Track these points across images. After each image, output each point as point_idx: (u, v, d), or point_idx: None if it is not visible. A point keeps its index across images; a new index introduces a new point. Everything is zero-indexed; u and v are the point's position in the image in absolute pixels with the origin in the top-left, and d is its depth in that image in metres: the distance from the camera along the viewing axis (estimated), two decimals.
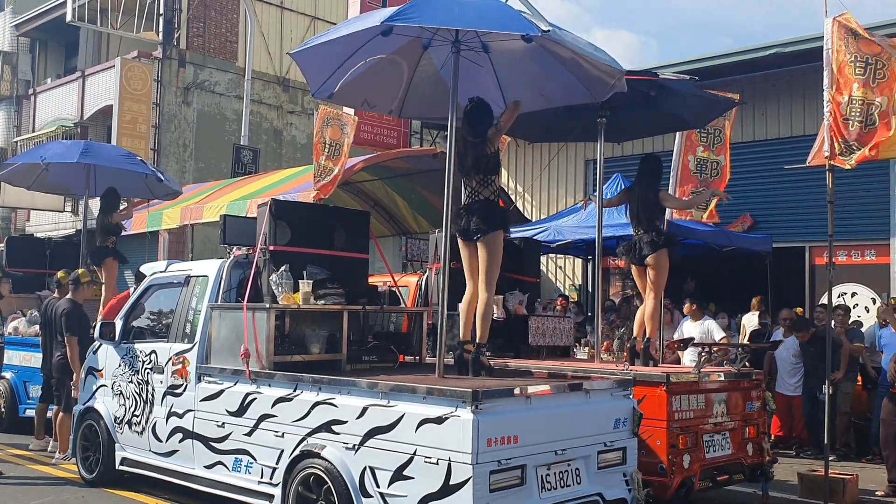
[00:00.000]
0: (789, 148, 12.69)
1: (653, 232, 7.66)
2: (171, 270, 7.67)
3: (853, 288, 12.03)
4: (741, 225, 12.96)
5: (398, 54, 6.45)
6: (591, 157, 14.66)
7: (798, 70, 12.36)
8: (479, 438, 4.80)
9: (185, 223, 13.71)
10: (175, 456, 6.90)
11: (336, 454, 5.50)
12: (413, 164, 13.67)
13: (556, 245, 12.12)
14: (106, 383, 7.74)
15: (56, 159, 10.88)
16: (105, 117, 21.69)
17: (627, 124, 8.34)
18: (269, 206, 6.83)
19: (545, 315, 8.88)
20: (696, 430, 6.53)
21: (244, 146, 17.89)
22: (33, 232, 23.29)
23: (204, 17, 21.89)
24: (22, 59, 26.31)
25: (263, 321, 6.26)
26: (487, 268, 6.16)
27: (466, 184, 6.35)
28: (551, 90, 6.75)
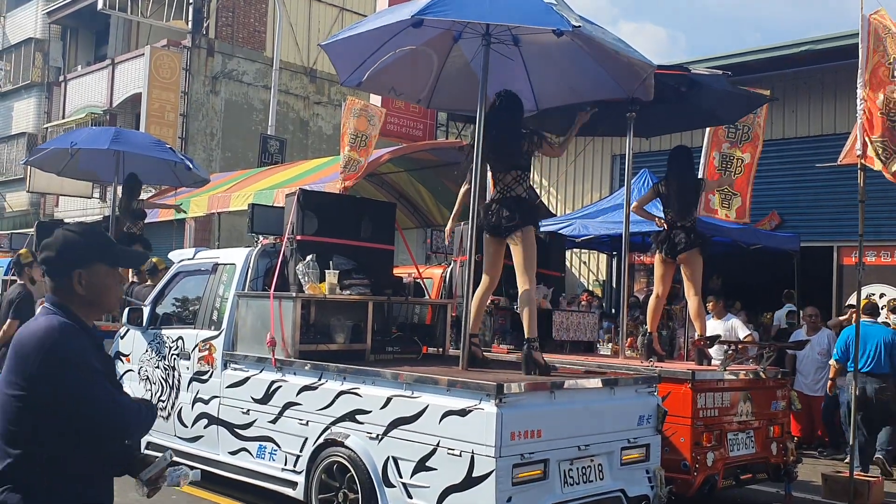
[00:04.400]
0: (819, 146, 12.55)
1: (688, 227, 7.54)
2: (199, 258, 7.73)
3: (881, 289, 11.89)
4: (769, 223, 12.85)
5: (428, 45, 6.44)
6: (618, 153, 14.59)
7: (831, 67, 12.21)
8: (503, 432, 4.80)
9: (212, 211, 13.81)
10: (200, 441, 6.97)
11: (359, 443, 5.53)
12: (439, 157, 13.67)
13: (581, 240, 12.08)
14: (132, 368, 7.82)
15: (87, 145, 10.99)
16: (134, 105, 21.89)
17: (656, 119, 8.28)
18: (297, 195, 6.86)
19: (569, 310, 8.86)
20: (721, 428, 6.49)
21: (271, 136, 17.98)
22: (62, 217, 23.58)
23: (233, 6, 22.00)
24: (53, 46, 26.61)
25: (290, 310, 6.29)
26: (524, 264, 6.02)
27: (498, 180, 6.19)
28: (581, 84, 6.71)
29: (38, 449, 2.46)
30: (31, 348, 2.47)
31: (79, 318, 2.62)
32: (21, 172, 24.54)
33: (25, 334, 2.52)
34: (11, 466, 2.44)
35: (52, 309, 2.58)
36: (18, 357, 2.48)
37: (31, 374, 2.45)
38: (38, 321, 2.55)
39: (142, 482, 2.73)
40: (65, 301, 2.60)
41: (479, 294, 6.30)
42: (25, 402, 2.45)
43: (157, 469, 2.74)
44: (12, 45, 27.40)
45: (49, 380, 2.44)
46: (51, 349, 2.46)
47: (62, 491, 2.48)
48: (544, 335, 8.02)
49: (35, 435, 2.46)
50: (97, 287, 2.62)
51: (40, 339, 2.47)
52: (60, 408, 2.46)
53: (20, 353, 2.48)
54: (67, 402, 2.46)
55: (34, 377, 2.44)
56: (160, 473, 2.75)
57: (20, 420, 2.46)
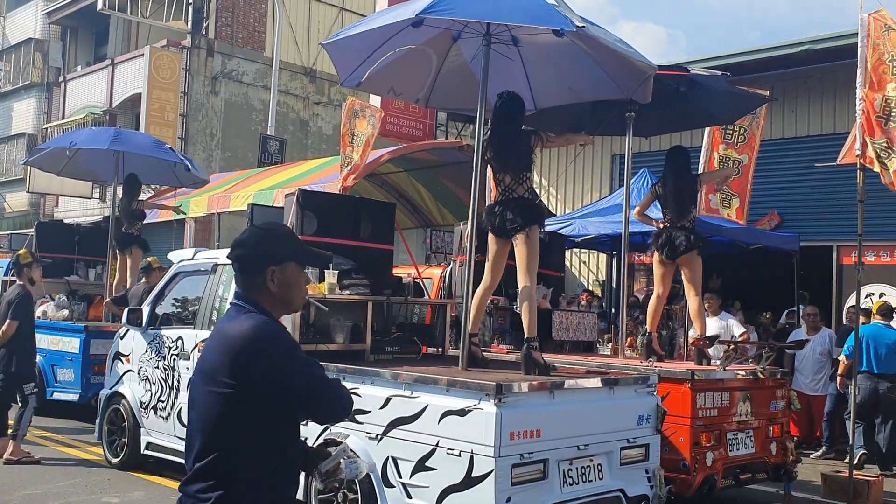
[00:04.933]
0: (818, 146, 12.54)
1: (687, 228, 7.55)
2: (199, 258, 7.74)
3: (881, 288, 11.88)
4: (768, 223, 12.84)
5: (428, 45, 6.45)
6: (618, 152, 14.58)
7: (830, 67, 12.20)
8: (502, 431, 4.80)
9: (212, 211, 13.82)
10: None
11: (359, 443, 5.52)
12: (439, 157, 13.68)
13: (580, 240, 12.07)
14: (132, 368, 7.82)
15: (86, 145, 11.01)
16: (133, 105, 21.89)
17: (656, 119, 8.28)
18: (297, 195, 6.86)
19: (569, 310, 8.86)
20: (720, 427, 6.49)
21: (271, 136, 17.99)
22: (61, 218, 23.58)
23: (233, 6, 22.01)
24: (53, 46, 26.60)
25: None
26: (527, 264, 6.02)
27: (499, 181, 6.19)
28: (580, 84, 6.71)
29: (240, 444, 2.50)
30: (240, 347, 2.49)
31: (270, 315, 2.66)
32: (21, 173, 24.54)
33: (232, 334, 2.53)
34: (215, 462, 2.50)
35: (247, 307, 2.61)
36: (227, 355, 2.50)
37: (245, 370, 2.48)
38: (240, 320, 2.57)
39: (320, 474, 2.78)
40: (256, 298, 2.63)
41: (479, 294, 6.30)
42: (234, 399, 2.48)
43: (334, 462, 2.78)
44: (12, 46, 27.40)
45: (263, 375, 2.48)
46: (263, 346, 2.50)
47: (262, 485, 2.54)
48: (544, 335, 8.02)
49: (239, 430, 2.50)
50: (288, 284, 2.66)
51: (253, 336, 2.51)
52: (272, 401, 2.51)
53: (230, 352, 2.50)
54: (281, 394, 2.52)
55: (246, 374, 2.48)
56: (337, 465, 2.79)
57: (226, 416, 2.50)
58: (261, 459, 2.53)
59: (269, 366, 2.49)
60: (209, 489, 2.48)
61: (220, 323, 2.65)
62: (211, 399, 2.51)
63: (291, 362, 2.54)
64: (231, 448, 2.50)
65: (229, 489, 2.48)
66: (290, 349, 2.58)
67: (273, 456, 2.57)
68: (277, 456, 2.58)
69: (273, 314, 2.66)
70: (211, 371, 2.53)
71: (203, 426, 2.53)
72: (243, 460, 2.51)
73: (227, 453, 2.50)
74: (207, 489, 2.48)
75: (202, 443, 2.52)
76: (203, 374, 2.56)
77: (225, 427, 2.50)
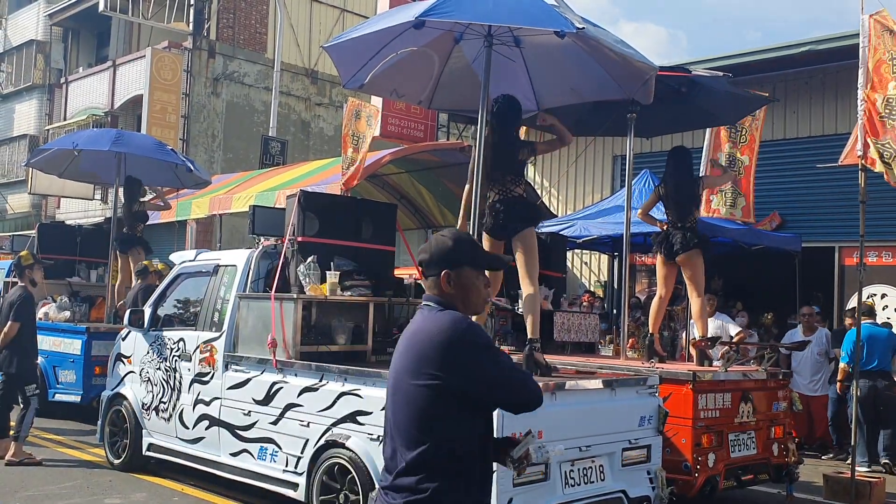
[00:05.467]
0: (820, 146, 12.53)
1: (687, 228, 7.54)
2: (200, 259, 7.74)
3: (883, 289, 11.87)
4: (770, 223, 12.83)
5: (429, 47, 6.45)
6: (619, 153, 14.57)
7: (831, 68, 12.20)
8: (504, 433, 4.79)
9: (213, 213, 13.83)
10: (201, 443, 6.98)
11: (361, 445, 5.53)
12: (440, 158, 13.68)
13: (582, 241, 12.07)
14: (134, 370, 7.83)
15: (88, 146, 11.03)
16: (135, 107, 21.90)
17: (657, 120, 8.28)
18: (298, 197, 6.86)
19: (570, 311, 8.85)
20: (722, 429, 6.49)
21: (272, 137, 17.98)
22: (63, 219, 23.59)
23: (234, 8, 22.02)
24: (54, 48, 26.64)
25: (291, 311, 6.30)
26: (528, 264, 6.04)
27: (494, 181, 6.20)
28: (582, 85, 6.72)
29: (448, 435, 2.64)
30: (445, 339, 2.65)
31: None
32: (22, 174, 24.57)
33: (435, 329, 2.69)
34: (426, 454, 2.63)
35: (438, 306, 2.80)
36: (433, 349, 2.65)
37: (447, 362, 2.63)
38: (437, 316, 2.74)
39: (512, 461, 2.88)
40: (443, 297, 2.82)
41: None
42: (439, 390, 2.63)
43: (524, 447, 2.89)
44: (14, 47, 27.42)
45: (466, 365, 2.64)
46: (464, 337, 2.66)
47: (471, 474, 2.68)
48: (546, 336, 8.02)
49: (447, 421, 2.64)
50: (464, 287, 2.83)
51: (452, 329, 2.67)
52: (476, 391, 2.67)
53: (436, 345, 2.65)
54: (482, 384, 2.66)
55: (451, 364, 2.63)
56: (527, 452, 2.90)
57: (432, 408, 2.64)
58: (468, 449, 2.67)
59: (473, 357, 2.66)
60: (424, 480, 2.62)
61: (416, 322, 2.81)
62: (418, 393, 2.65)
63: (491, 354, 2.71)
64: (441, 439, 2.64)
65: (443, 480, 2.62)
66: (488, 341, 2.76)
67: (477, 445, 2.71)
68: (481, 445, 2.73)
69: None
70: (416, 366, 2.67)
71: (411, 420, 2.67)
72: (452, 451, 2.64)
73: (437, 444, 2.63)
74: (422, 480, 2.62)
75: (411, 436, 2.65)
76: (407, 370, 2.70)
77: (434, 419, 2.64)
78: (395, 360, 2.79)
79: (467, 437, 2.67)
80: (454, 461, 2.64)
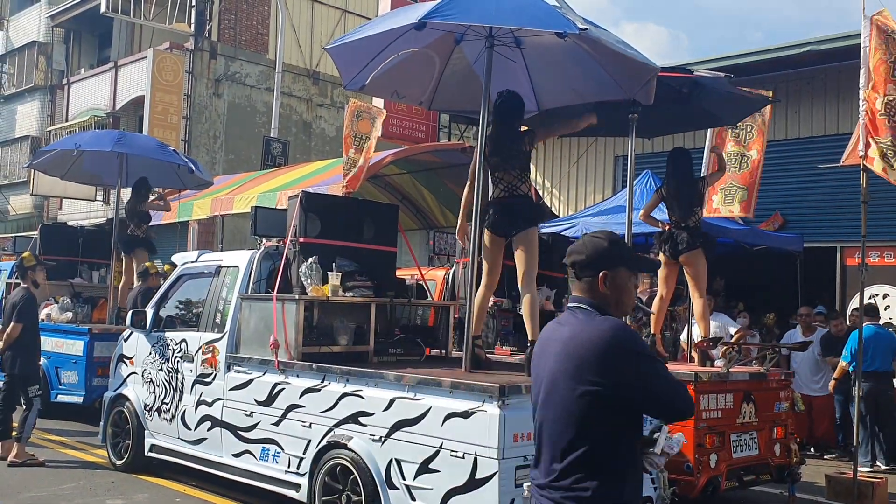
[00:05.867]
0: (822, 147, 12.52)
1: (691, 228, 7.52)
2: (202, 260, 7.75)
3: (885, 289, 11.87)
4: (772, 224, 12.82)
5: (430, 48, 6.45)
6: (621, 153, 14.58)
7: (833, 68, 12.20)
8: (506, 433, 4.81)
9: (215, 214, 13.83)
10: (203, 444, 6.98)
11: (363, 445, 5.54)
12: (442, 158, 13.67)
13: None
14: (136, 371, 7.84)
15: (90, 147, 11.04)
16: (137, 108, 21.92)
17: (659, 120, 8.27)
18: (300, 198, 6.87)
19: None
20: (724, 429, 6.49)
21: (274, 138, 17.98)
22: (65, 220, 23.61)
23: (235, 9, 22.04)
24: (56, 49, 26.65)
25: (293, 312, 6.30)
26: (527, 264, 6.02)
27: (498, 179, 6.18)
28: (583, 86, 6.71)
29: (606, 438, 2.71)
30: (607, 346, 2.69)
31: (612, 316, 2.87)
32: (25, 176, 24.58)
33: (594, 334, 2.72)
34: (585, 456, 2.69)
35: (590, 309, 2.82)
36: (594, 354, 2.69)
37: (608, 368, 2.67)
38: (595, 322, 2.77)
39: (656, 455, 2.97)
40: (594, 301, 2.84)
41: (480, 295, 6.30)
42: (599, 395, 2.67)
43: (664, 441, 2.98)
44: (16, 49, 27.44)
45: (627, 373, 2.68)
46: (626, 345, 2.70)
47: (628, 475, 2.75)
48: None
49: (605, 425, 2.70)
50: (619, 288, 2.85)
51: (613, 337, 2.71)
52: (632, 397, 2.71)
53: (597, 351, 2.69)
54: (641, 391, 2.71)
55: (612, 371, 2.67)
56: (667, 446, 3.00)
57: (591, 412, 2.68)
58: (623, 451, 2.74)
59: (635, 365, 2.70)
60: (583, 480, 2.68)
61: (570, 326, 2.81)
62: (577, 397, 2.70)
63: (651, 362, 2.76)
64: (599, 441, 2.69)
65: (603, 480, 2.68)
66: (647, 349, 2.82)
67: (632, 448, 2.79)
68: (635, 448, 2.81)
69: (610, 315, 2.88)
70: (576, 371, 2.71)
71: (568, 423, 2.71)
72: (611, 453, 2.71)
73: (595, 447, 2.69)
74: (580, 480, 2.68)
75: (569, 438, 2.70)
76: (565, 374, 2.73)
77: (592, 422, 2.69)
78: (548, 363, 2.83)
79: (623, 440, 2.74)
80: (611, 463, 2.70)
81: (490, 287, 6.34)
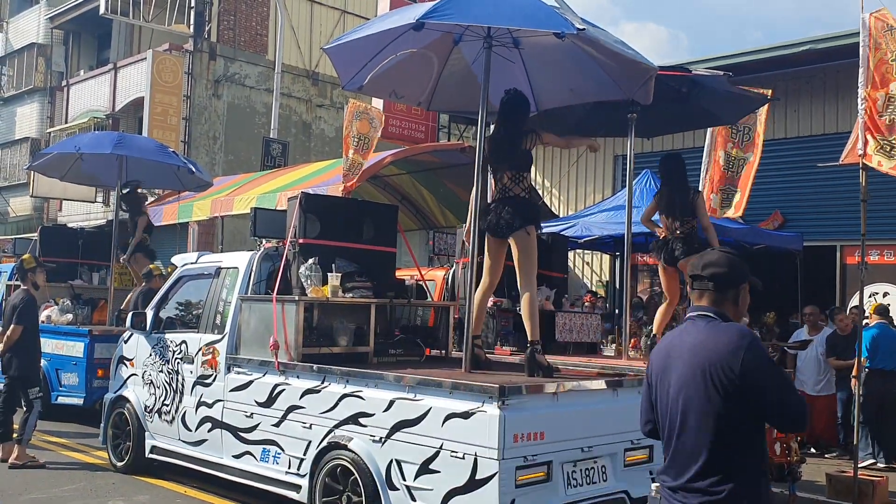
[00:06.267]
0: (821, 145, 12.54)
1: (687, 233, 7.51)
2: (202, 262, 7.75)
3: (885, 288, 11.87)
4: (772, 223, 12.84)
5: (429, 48, 6.45)
6: (620, 153, 14.58)
7: (832, 67, 12.20)
8: (506, 434, 4.81)
9: (215, 215, 13.84)
10: (204, 445, 6.98)
11: (363, 446, 5.54)
12: (441, 158, 13.68)
13: (583, 241, 12.08)
14: (136, 372, 7.84)
15: (90, 149, 11.03)
16: (136, 109, 21.92)
17: (658, 120, 8.26)
18: (300, 199, 6.87)
19: (572, 311, 8.85)
20: None
21: (273, 139, 17.98)
22: (65, 222, 23.62)
23: (234, 10, 22.04)
24: (55, 51, 26.64)
25: (293, 313, 6.30)
26: (525, 264, 6.01)
27: (497, 179, 6.18)
28: (581, 86, 6.72)
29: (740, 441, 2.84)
30: (746, 350, 2.84)
31: None
32: (24, 177, 24.58)
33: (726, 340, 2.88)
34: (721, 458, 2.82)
35: (716, 317, 3.00)
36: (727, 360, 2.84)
37: (743, 374, 2.81)
38: (728, 328, 2.94)
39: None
40: (723, 311, 3.03)
41: (479, 295, 6.30)
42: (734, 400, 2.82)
43: None
44: (15, 51, 27.44)
45: (761, 379, 2.82)
46: (759, 352, 2.87)
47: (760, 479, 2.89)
48: (547, 337, 8.02)
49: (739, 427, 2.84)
50: (744, 301, 3.11)
51: (749, 344, 2.86)
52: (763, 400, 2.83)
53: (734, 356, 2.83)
54: (771, 397, 2.83)
55: (746, 376, 2.81)
56: None
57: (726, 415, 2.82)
58: (757, 454, 2.88)
59: (765, 368, 2.85)
60: (720, 482, 2.80)
61: (701, 332, 2.97)
62: (712, 401, 2.84)
63: (779, 370, 2.93)
64: (735, 443, 2.83)
65: (738, 482, 2.80)
66: (767, 354, 2.94)
67: (762, 451, 2.93)
68: (765, 451, 2.95)
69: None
70: (710, 376, 2.85)
71: (702, 427, 2.85)
72: (744, 456, 2.83)
73: (732, 448, 2.82)
74: (716, 483, 2.80)
75: (704, 441, 2.84)
76: (698, 379, 2.87)
77: (727, 426, 2.82)
78: (677, 369, 2.95)
79: (755, 443, 2.87)
80: (747, 463, 2.83)
81: (490, 286, 6.34)
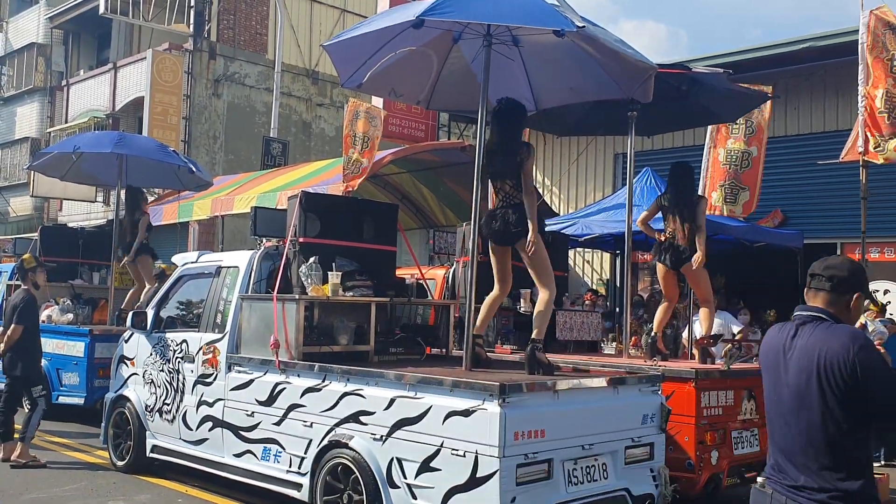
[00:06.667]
0: (822, 143, 12.52)
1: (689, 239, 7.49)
2: (203, 261, 7.75)
3: (885, 285, 11.87)
4: (772, 220, 12.83)
5: (428, 46, 6.44)
6: (621, 151, 14.58)
7: (832, 64, 12.19)
8: (507, 432, 4.81)
9: (215, 214, 13.85)
10: (205, 444, 6.99)
11: (364, 445, 5.54)
12: (442, 157, 13.70)
13: (584, 239, 12.07)
14: (137, 372, 7.84)
15: (90, 149, 11.03)
16: (136, 108, 21.94)
17: (658, 118, 8.27)
18: (300, 198, 6.87)
19: (573, 309, 8.86)
20: (725, 426, 6.49)
21: (273, 138, 17.99)
22: (66, 222, 23.63)
23: (234, 9, 22.05)
24: (55, 50, 26.66)
25: (293, 312, 6.31)
26: (535, 267, 5.96)
27: (499, 189, 6.11)
28: (581, 84, 6.70)
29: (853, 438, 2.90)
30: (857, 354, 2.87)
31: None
32: (25, 177, 24.60)
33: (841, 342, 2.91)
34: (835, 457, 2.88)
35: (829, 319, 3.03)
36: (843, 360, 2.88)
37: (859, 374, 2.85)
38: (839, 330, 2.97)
39: None
40: (835, 311, 3.07)
41: (490, 301, 6.30)
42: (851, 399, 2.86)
43: None
44: (15, 51, 27.45)
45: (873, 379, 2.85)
46: (873, 354, 2.91)
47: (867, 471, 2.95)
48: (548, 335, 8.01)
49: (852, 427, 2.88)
50: (858, 309, 3.15)
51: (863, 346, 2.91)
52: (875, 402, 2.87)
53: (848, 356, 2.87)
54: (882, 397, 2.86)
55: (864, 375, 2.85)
56: None
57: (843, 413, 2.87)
58: (867, 451, 2.96)
59: (880, 373, 2.88)
60: (846, 479, 2.88)
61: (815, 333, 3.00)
62: (829, 401, 2.89)
63: (888, 369, 2.93)
64: (850, 443, 2.89)
65: (854, 480, 2.88)
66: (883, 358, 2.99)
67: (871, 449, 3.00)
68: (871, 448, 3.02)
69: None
70: (826, 376, 2.90)
71: (819, 426, 2.90)
72: (859, 453, 2.90)
73: (853, 446, 2.89)
74: (845, 479, 2.88)
75: (820, 440, 2.90)
76: (817, 380, 2.92)
77: (844, 425, 2.88)
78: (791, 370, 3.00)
79: (867, 441, 2.94)
80: (861, 461, 2.91)
81: (502, 293, 6.34)
